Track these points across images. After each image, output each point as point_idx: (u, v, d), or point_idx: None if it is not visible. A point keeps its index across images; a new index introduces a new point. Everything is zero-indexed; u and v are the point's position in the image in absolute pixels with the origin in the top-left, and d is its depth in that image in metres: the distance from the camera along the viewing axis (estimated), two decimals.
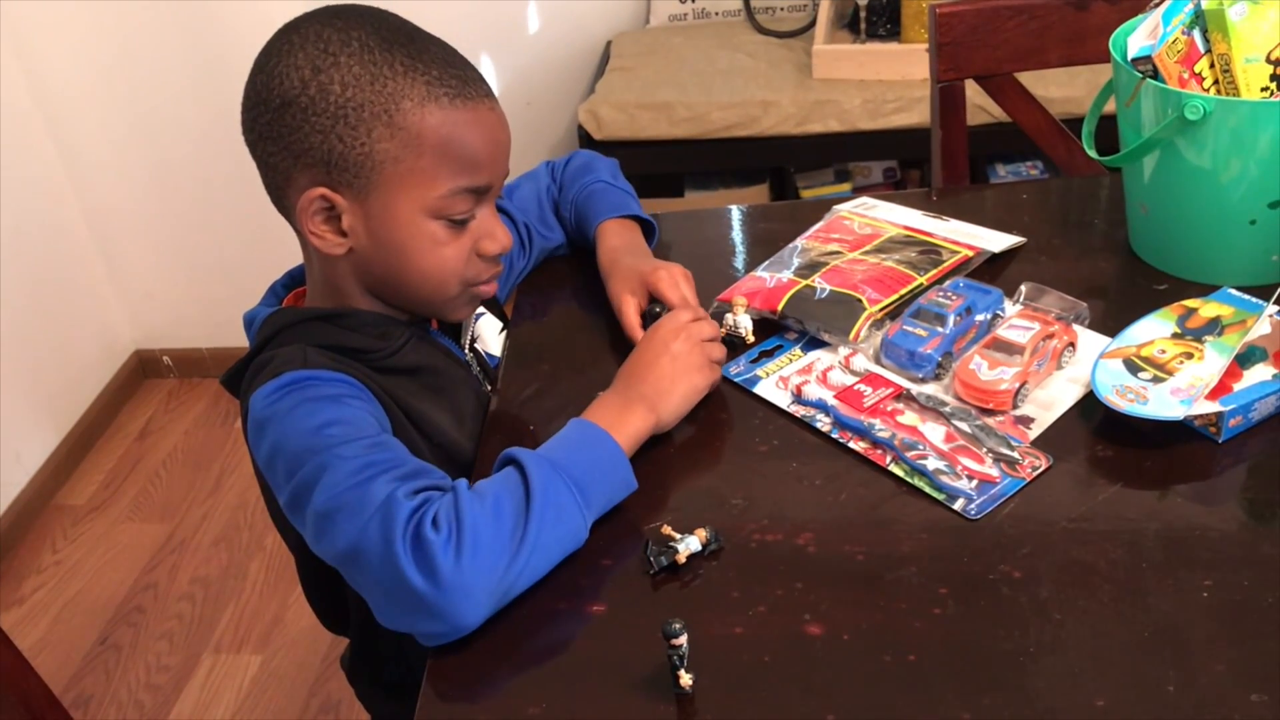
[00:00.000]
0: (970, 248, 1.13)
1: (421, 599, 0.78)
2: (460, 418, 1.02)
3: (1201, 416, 0.89)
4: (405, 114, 0.90)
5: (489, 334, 1.13)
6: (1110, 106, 1.15)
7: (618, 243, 1.14)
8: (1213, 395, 0.89)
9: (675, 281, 1.05)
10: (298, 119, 0.90)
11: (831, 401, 0.97)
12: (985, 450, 0.90)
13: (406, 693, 1.09)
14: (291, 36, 0.91)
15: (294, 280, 1.07)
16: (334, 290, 0.99)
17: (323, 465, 0.84)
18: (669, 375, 0.95)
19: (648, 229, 1.19)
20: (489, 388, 1.09)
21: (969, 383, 0.95)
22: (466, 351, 1.09)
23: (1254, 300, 0.98)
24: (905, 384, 0.98)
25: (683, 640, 0.73)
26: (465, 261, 0.97)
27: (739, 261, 1.21)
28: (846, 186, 2.56)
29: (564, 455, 0.86)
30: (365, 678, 1.15)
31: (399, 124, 0.90)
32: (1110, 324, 1.01)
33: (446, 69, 0.92)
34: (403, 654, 1.06)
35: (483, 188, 0.95)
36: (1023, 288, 1.06)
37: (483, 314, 1.13)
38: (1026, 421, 0.94)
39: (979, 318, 1.02)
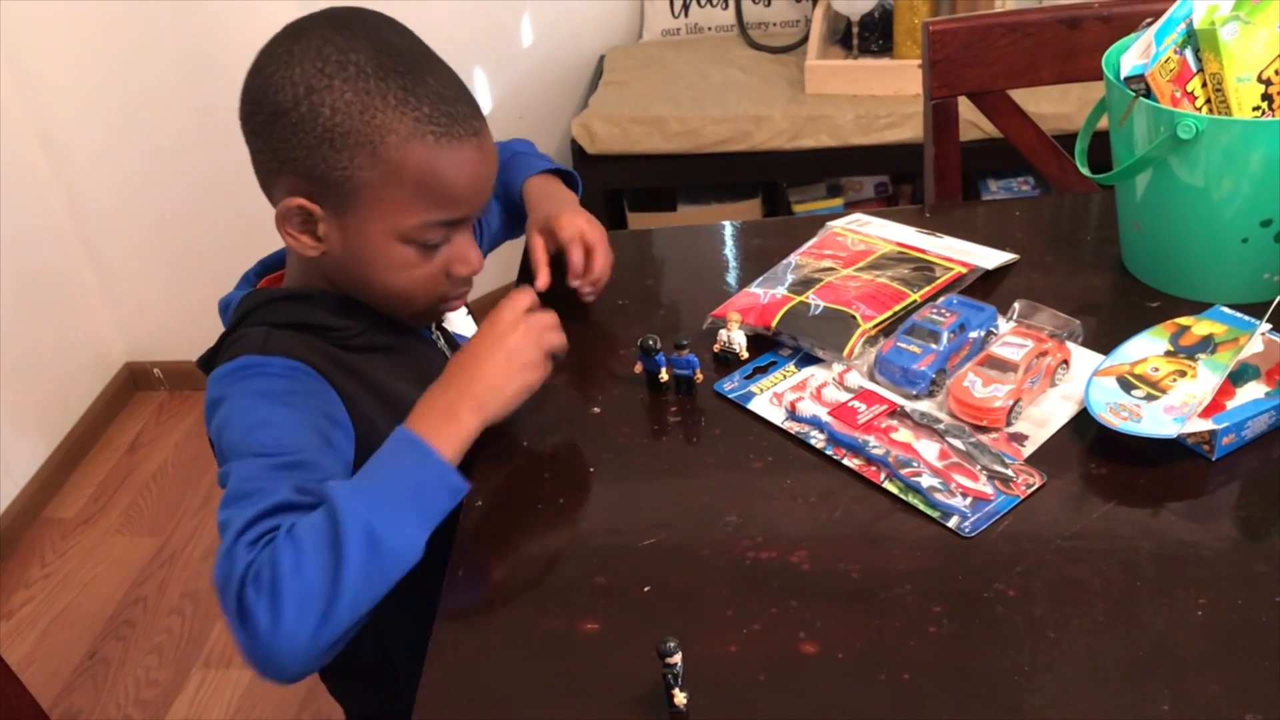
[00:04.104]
0: (964, 264, 1.13)
1: (247, 654, 0.80)
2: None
3: (1195, 434, 0.89)
4: (390, 147, 0.91)
5: (456, 315, 1.14)
6: (1103, 124, 1.15)
7: (539, 191, 1.18)
8: (1206, 413, 0.89)
9: (578, 234, 1.09)
10: (287, 131, 0.91)
11: (825, 418, 0.97)
12: (979, 467, 0.90)
13: (379, 681, 1.09)
14: (293, 46, 0.92)
15: (265, 268, 1.09)
16: (308, 280, 1.02)
17: (229, 472, 0.88)
18: (503, 372, 0.93)
19: (572, 183, 1.23)
20: None
21: (963, 400, 0.95)
22: (433, 332, 1.10)
23: (1246, 318, 0.98)
24: (899, 401, 0.98)
25: (677, 659, 0.72)
26: (434, 281, 0.99)
27: (732, 277, 1.21)
28: (839, 201, 2.57)
29: (379, 481, 0.85)
30: (334, 666, 1.15)
31: (382, 156, 0.91)
32: (1103, 341, 1.02)
33: (438, 105, 0.92)
34: (378, 637, 1.05)
35: (458, 220, 0.97)
36: (1016, 305, 1.06)
37: None
38: (1020, 439, 0.94)
39: (973, 335, 1.02)
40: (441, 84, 0.93)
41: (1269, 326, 0.94)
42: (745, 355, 1.06)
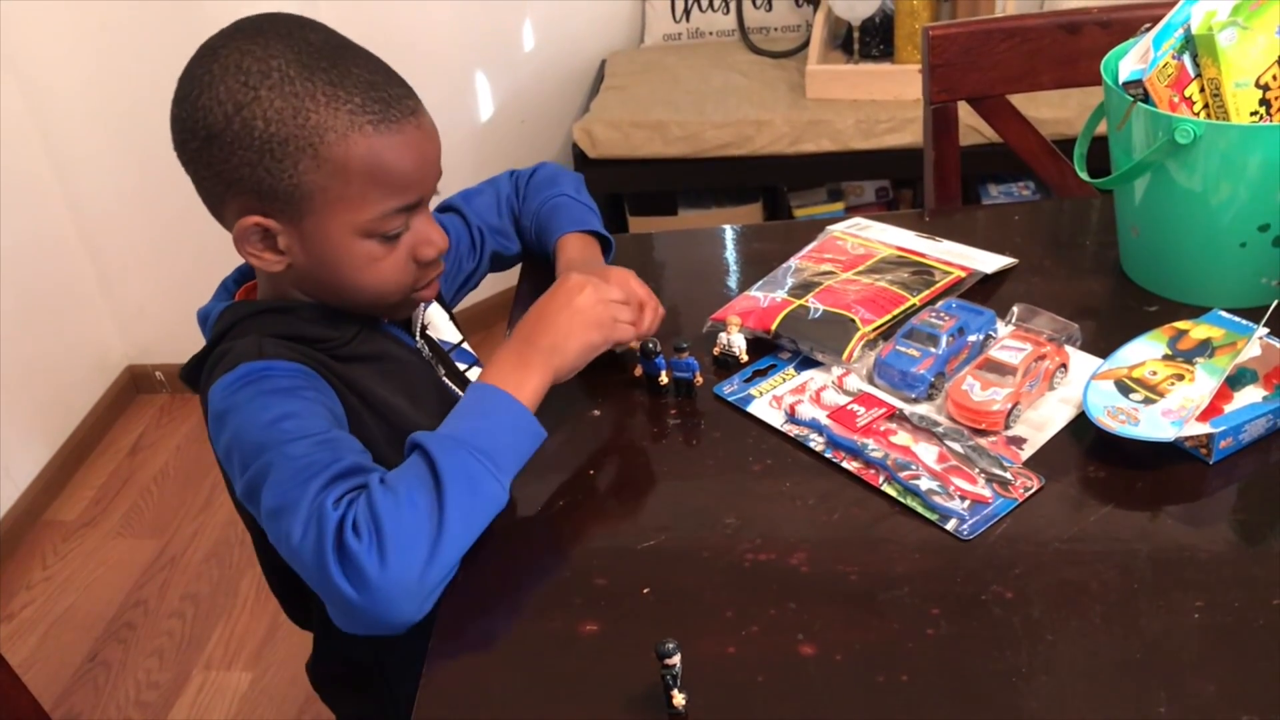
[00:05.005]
0: (963, 268, 1.14)
1: (357, 608, 0.80)
2: (415, 399, 1.04)
3: (1192, 438, 0.90)
4: (330, 146, 0.90)
5: (439, 320, 1.14)
6: (1102, 129, 1.15)
7: (575, 256, 1.15)
8: (1203, 417, 0.90)
9: (625, 279, 1.05)
10: (224, 152, 0.91)
11: (825, 421, 0.97)
12: (978, 470, 0.91)
13: (371, 687, 1.10)
14: (211, 66, 0.91)
15: (244, 275, 1.08)
16: (282, 292, 1.01)
17: (270, 463, 0.86)
18: (566, 330, 0.95)
19: (605, 246, 1.20)
20: (442, 371, 1.10)
21: (961, 403, 0.96)
22: (417, 339, 1.10)
23: (1244, 322, 0.98)
24: (898, 404, 0.99)
25: (676, 660, 0.73)
26: (403, 270, 0.99)
27: (732, 281, 1.22)
28: (839, 206, 2.57)
29: (467, 426, 0.88)
30: (327, 674, 1.16)
31: (324, 156, 0.90)
32: (1102, 345, 1.02)
33: (369, 93, 0.91)
34: (370, 643, 1.06)
35: (413, 204, 0.96)
36: (1015, 309, 1.06)
37: (429, 303, 1.14)
38: (1019, 442, 0.94)
39: (971, 338, 1.02)
40: (367, 71, 0.92)
41: (1266, 330, 0.95)
42: (745, 358, 1.06)
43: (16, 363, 2.32)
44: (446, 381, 1.09)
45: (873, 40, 2.47)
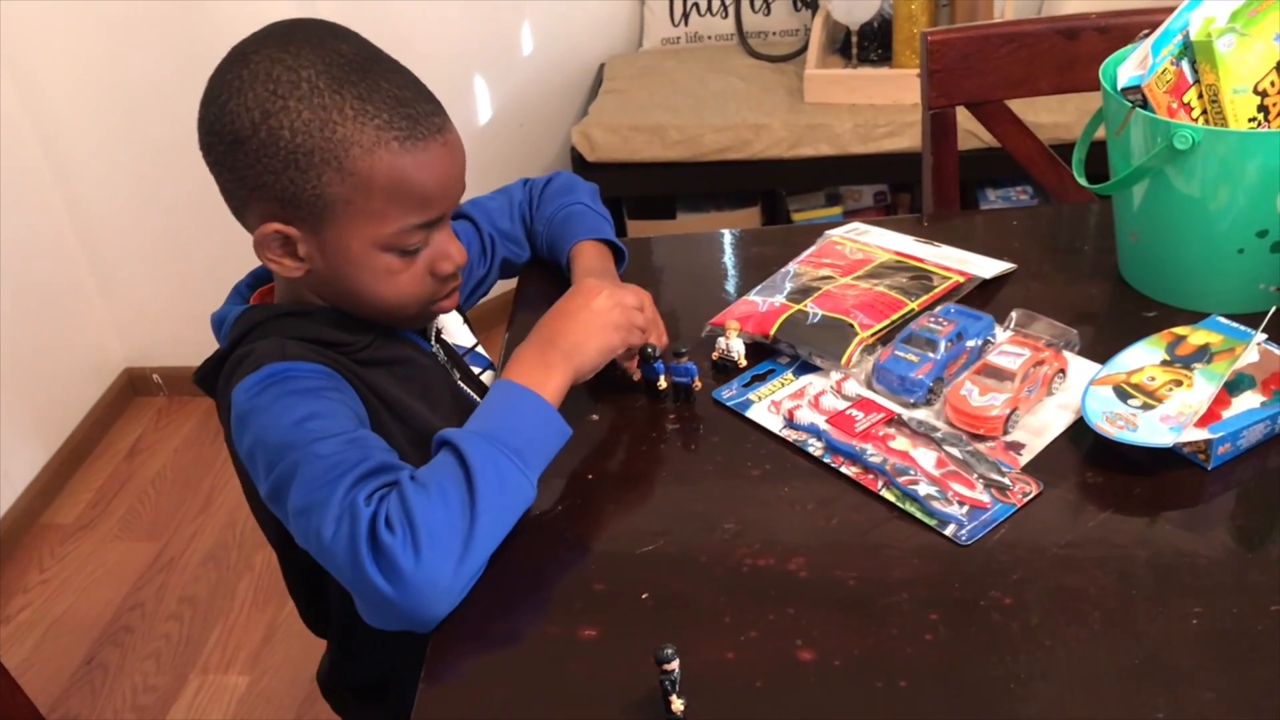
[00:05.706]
0: (961, 273, 1.14)
1: (391, 603, 0.80)
2: (431, 403, 1.04)
3: (1191, 444, 0.90)
4: (355, 160, 0.90)
5: (454, 325, 1.14)
6: (1100, 134, 1.16)
7: (591, 265, 1.15)
8: (1202, 423, 0.90)
9: (641, 295, 1.05)
10: (250, 158, 0.91)
11: (823, 426, 0.97)
12: (976, 476, 0.91)
13: (383, 697, 1.09)
14: (241, 71, 0.91)
15: (257, 279, 1.08)
16: (299, 297, 1.01)
17: (298, 462, 0.86)
18: (586, 330, 0.96)
19: (619, 257, 1.21)
20: (457, 375, 1.10)
21: (960, 408, 0.96)
22: (432, 344, 1.10)
23: (1242, 328, 0.98)
24: (897, 409, 0.99)
25: (674, 665, 0.73)
26: (420, 284, 0.99)
27: (731, 285, 1.22)
28: (837, 210, 2.58)
29: (495, 424, 0.88)
30: (339, 684, 1.16)
31: (349, 169, 0.90)
32: (1100, 351, 1.02)
33: (397, 109, 0.91)
34: (386, 652, 1.06)
35: (434, 220, 0.97)
36: (1013, 314, 1.06)
37: None
38: (1017, 447, 0.94)
39: (970, 344, 1.02)
40: (397, 86, 0.92)
41: (1264, 336, 0.95)
42: (744, 363, 1.06)
43: (14, 365, 2.32)
44: (462, 385, 1.09)
45: (871, 45, 2.47)
